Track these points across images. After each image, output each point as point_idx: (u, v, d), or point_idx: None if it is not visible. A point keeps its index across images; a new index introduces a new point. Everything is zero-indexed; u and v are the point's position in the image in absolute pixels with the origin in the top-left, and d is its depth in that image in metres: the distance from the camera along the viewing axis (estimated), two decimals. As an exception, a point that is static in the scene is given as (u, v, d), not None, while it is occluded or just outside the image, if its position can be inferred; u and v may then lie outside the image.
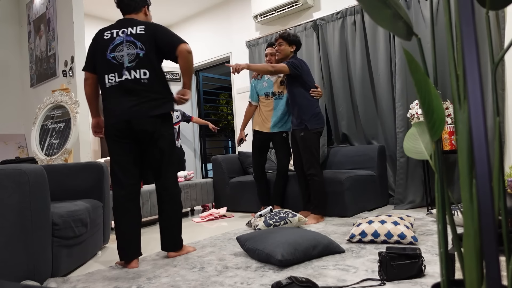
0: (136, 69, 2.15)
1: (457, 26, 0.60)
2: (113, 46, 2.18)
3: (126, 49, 2.17)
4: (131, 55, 2.16)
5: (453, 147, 2.98)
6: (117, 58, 2.17)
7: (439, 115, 0.64)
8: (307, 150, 3.07)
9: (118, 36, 2.19)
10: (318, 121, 3.10)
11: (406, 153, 0.82)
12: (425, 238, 2.22)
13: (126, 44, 2.17)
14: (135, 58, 2.16)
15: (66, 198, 2.41)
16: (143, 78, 2.16)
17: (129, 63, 2.16)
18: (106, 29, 2.25)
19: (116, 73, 2.16)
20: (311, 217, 3.02)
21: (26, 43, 4.98)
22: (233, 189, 4.01)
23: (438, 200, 0.68)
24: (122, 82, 2.16)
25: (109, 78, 2.18)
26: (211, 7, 5.46)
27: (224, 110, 9.71)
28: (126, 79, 2.15)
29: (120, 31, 2.20)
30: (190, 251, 2.31)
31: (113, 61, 2.17)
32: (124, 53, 2.17)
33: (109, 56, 2.17)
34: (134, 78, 2.15)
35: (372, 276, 1.63)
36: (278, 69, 3.01)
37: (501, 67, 2.98)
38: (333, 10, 4.06)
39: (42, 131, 3.72)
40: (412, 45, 3.45)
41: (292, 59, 3.10)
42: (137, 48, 2.17)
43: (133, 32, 2.19)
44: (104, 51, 2.18)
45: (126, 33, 2.19)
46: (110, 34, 2.21)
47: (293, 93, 3.14)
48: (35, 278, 1.71)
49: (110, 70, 2.17)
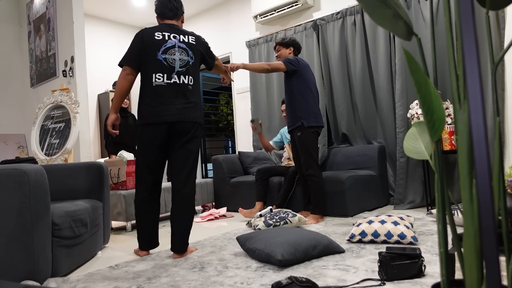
0: (186, 75, 2.28)
1: (457, 26, 0.60)
2: (165, 48, 2.25)
3: (179, 54, 2.28)
4: (183, 60, 2.29)
5: (453, 147, 2.98)
6: (168, 61, 2.25)
7: (439, 115, 0.64)
8: (304, 150, 3.07)
9: (170, 40, 2.27)
10: (314, 119, 3.07)
11: (406, 153, 0.82)
12: (425, 238, 2.22)
13: (179, 50, 2.28)
14: (186, 65, 2.29)
15: (66, 198, 2.41)
16: (190, 84, 2.30)
17: (180, 68, 2.27)
18: (154, 29, 2.28)
19: (165, 74, 2.24)
20: (311, 217, 3.01)
21: (26, 43, 4.98)
22: (233, 189, 4.01)
23: (438, 200, 0.68)
24: (171, 85, 2.25)
25: (156, 77, 2.24)
26: (211, 7, 5.46)
27: (224, 110, 9.71)
28: (175, 82, 2.25)
29: (172, 35, 2.29)
30: (193, 251, 2.33)
31: (164, 63, 2.24)
32: (176, 58, 2.27)
33: (161, 57, 2.24)
34: (182, 83, 2.27)
35: (372, 276, 1.63)
36: (274, 67, 3.03)
37: (501, 67, 2.98)
38: (333, 10, 4.06)
39: (42, 131, 3.72)
40: (412, 45, 3.45)
41: (289, 57, 3.12)
42: (188, 56, 2.31)
43: (185, 40, 2.31)
44: (156, 50, 2.24)
45: (179, 39, 2.30)
46: (162, 35, 2.27)
47: (291, 91, 3.12)
48: (35, 278, 1.71)
49: (159, 70, 2.24)
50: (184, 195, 2.24)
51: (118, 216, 3.23)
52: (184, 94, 2.26)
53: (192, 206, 2.29)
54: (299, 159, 3.20)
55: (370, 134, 3.85)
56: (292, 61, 3.06)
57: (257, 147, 4.78)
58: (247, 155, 4.31)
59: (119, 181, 3.36)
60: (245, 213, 3.36)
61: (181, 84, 2.26)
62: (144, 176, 2.27)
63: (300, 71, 3.08)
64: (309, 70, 3.17)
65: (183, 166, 2.26)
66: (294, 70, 3.06)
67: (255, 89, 4.82)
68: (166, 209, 3.54)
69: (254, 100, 4.81)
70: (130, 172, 3.35)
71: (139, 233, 2.32)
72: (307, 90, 3.08)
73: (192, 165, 2.30)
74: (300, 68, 3.08)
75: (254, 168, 4.11)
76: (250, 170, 4.16)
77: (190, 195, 2.27)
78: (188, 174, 2.26)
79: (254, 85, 4.82)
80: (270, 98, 4.61)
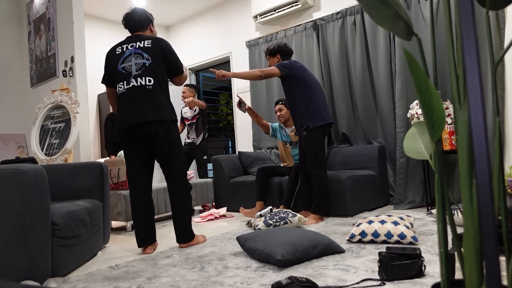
0: (143, 76, 2.37)
1: (457, 26, 0.60)
2: (123, 59, 2.43)
3: (134, 59, 2.41)
4: (138, 64, 2.40)
5: (453, 147, 2.98)
6: (126, 68, 2.41)
7: (439, 115, 0.64)
8: (309, 150, 3.05)
9: (127, 50, 2.44)
10: (320, 117, 3.03)
11: (406, 153, 0.82)
12: (425, 238, 2.22)
13: (134, 55, 2.41)
14: (141, 67, 2.39)
15: (66, 198, 2.41)
16: (149, 85, 2.37)
17: (136, 71, 2.39)
18: (117, 45, 2.50)
19: (125, 81, 2.40)
20: (311, 217, 3.01)
21: (26, 43, 4.98)
22: (233, 189, 4.01)
23: (438, 200, 0.68)
24: (130, 89, 2.38)
25: (119, 86, 2.43)
26: (211, 7, 5.46)
27: (224, 110, 9.71)
28: (133, 85, 2.37)
29: (129, 45, 2.45)
30: (201, 241, 2.52)
31: (123, 71, 2.41)
32: (132, 63, 2.40)
33: (120, 67, 2.42)
34: (140, 85, 2.37)
35: (372, 276, 1.63)
36: (267, 73, 2.99)
37: (501, 67, 2.98)
38: (333, 10, 4.06)
39: (42, 131, 3.72)
40: (412, 45, 3.45)
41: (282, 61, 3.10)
42: (144, 58, 2.40)
43: (140, 46, 2.43)
44: (116, 63, 2.43)
45: (135, 47, 2.43)
46: (121, 49, 2.46)
47: (291, 95, 3.10)
48: (35, 278, 1.71)
49: (121, 79, 2.41)
50: (173, 195, 2.43)
51: (118, 216, 3.23)
52: (145, 95, 2.35)
53: (185, 200, 2.45)
54: (304, 158, 3.18)
55: (370, 134, 3.85)
56: (286, 65, 3.02)
57: (257, 147, 4.78)
58: (247, 155, 4.31)
59: (119, 181, 3.36)
60: (246, 213, 3.36)
61: (139, 87, 2.36)
62: (131, 177, 2.44)
63: (296, 73, 3.03)
64: (306, 70, 3.13)
65: (164, 167, 2.44)
66: (289, 73, 3.02)
67: (255, 89, 4.82)
68: (166, 209, 3.55)
69: (254, 100, 4.81)
70: (130, 172, 3.34)
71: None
72: (307, 91, 3.04)
73: (174, 164, 2.42)
74: (295, 70, 3.03)
75: (254, 168, 4.11)
76: (250, 170, 4.16)
77: (180, 193, 2.43)
78: (173, 174, 2.42)
79: (254, 85, 4.82)
80: (270, 98, 4.61)
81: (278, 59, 3.19)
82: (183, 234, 2.44)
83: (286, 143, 3.82)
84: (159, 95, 2.39)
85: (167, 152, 2.40)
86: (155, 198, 3.45)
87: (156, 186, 3.53)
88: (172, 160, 2.42)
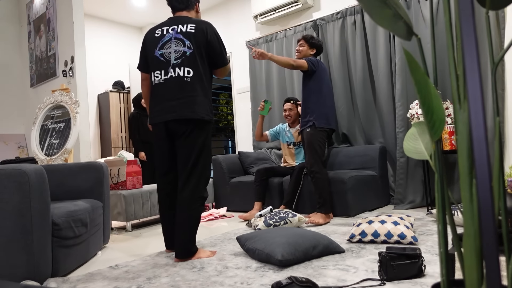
0: (181, 67, 2.11)
1: (457, 26, 0.60)
2: (162, 43, 2.16)
3: (174, 46, 2.14)
4: (178, 52, 2.13)
5: (453, 147, 2.98)
6: (165, 55, 2.15)
7: (439, 115, 0.64)
8: (309, 146, 3.07)
9: (168, 33, 2.17)
10: (326, 121, 3.11)
11: (406, 153, 0.82)
12: (425, 238, 2.22)
13: (175, 41, 2.14)
14: (181, 56, 2.13)
15: (66, 198, 2.41)
16: (187, 76, 2.11)
17: (175, 60, 2.12)
18: (157, 27, 2.23)
19: (162, 70, 2.14)
20: (318, 216, 2.93)
21: (26, 43, 4.98)
22: (233, 189, 4.01)
23: (438, 200, 0.68)
24: (168, 80, 2.13)
25: (155, 76, 2.17)
26: (211, 7, 5.45)
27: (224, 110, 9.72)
28: (171, 76, 2.12)
29: (171, 28, 2.18)
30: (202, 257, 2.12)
31: (161, 58, 2.15)
32: (172, 50, 2.14)
33: (157, 53, 2.16)
34: (177, 76, 2.11)
35: (372, 276, 1.63)
36: (298, 64, 3.07)
37: (501, 67, 2.98)
38: (333, 10, 4.06)
39: (42, 131, 3.72)
40: (412, 45, 3.45)
41: (311, 57, 3.18)
42: (185, 46, 2.13)
43: (182, 30, 2.15)
44: (153, 48, 2.18)
45: (176, 30, 2.16)
46: (160, 31, 2.20)
47: (307, 90, 3.16)
48: (35, 278, 1.71)
49: (157, 67, 2.16)
50: (181, 201, 2.10)
51: (118, 216, 3.23)
52: (182, 88, 2.10)
53: (190, 211, 2.10)
54: None
55: (370, 134, 3.85)
56: (313, 62, 3.12)
57: (257, 147, 4.78)
58: (247, 155, 4.30)
59: (119, 181, 3.36)
60: (245, 217, 3.34)
61: (176, 78, 2.11)
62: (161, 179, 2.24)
63: (318, 73, 3.13)
64: (327, 74, 3.23)
65: (181, 168, 2.14)
66: (313, 71, 3.12)
67: (255, 89, 4.82)
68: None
69: (254, 100, 4.81)
70: (130, 172, 3.35)
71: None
72: (322, 92, 3.13)
73: (191, 168, 2.10)
74: (318, 70, 3.14)
75: (254, 168, 4.10)
76: (250, 170, 4.15)
77: (187, 200, 2.09)
78: (186, 178, 2.11)
79: (254, 85, 4.82)
80: (270, 98, 4.61)
81: (312, 53, 3.26)
82: (181, 249, 2.10)
83: (289, 144, 3.82)
84: (197, 90, 2.11)
85: (193, 156, 2.10)
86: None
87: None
88: (196, 166, 2.11)
